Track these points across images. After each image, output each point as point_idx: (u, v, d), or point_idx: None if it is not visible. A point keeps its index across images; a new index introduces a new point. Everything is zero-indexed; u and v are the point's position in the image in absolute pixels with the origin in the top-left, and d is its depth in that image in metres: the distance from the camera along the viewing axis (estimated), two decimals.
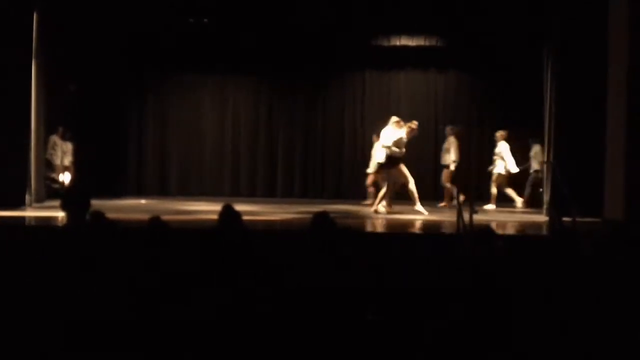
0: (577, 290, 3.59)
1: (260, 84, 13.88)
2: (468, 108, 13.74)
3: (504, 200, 11.80)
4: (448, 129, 12.26)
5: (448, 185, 11.81)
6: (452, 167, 11.82)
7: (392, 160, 9.93)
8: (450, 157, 11.89)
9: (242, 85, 13.96)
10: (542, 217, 9.95)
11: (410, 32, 12.99)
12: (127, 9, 11.83)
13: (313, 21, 12.28)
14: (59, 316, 3.35)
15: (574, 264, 3.92)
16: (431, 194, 12.98)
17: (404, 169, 9.95)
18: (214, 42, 12.79)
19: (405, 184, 9.97)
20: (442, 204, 11.68)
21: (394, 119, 10.28)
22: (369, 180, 12.00)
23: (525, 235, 8.18)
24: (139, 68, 13.33)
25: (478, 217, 8.03)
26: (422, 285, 3.59)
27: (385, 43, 13.17)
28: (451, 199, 11.49)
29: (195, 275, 3.66)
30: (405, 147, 10.04)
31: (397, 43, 13.14)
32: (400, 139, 9.95)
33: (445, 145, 12.10)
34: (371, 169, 11.80)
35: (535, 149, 11.87)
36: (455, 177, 11.79)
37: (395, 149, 9.89)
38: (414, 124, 10.26)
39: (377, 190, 11.22)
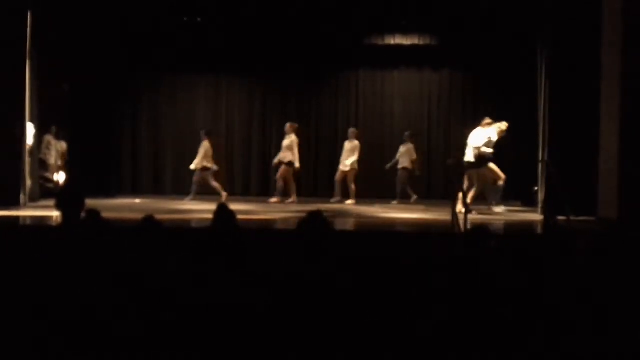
0: (570, 289, 3.60)
1: (254, 83, 13.88)
2: (462, 107, 13.76)
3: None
4: (288, 126, 12.23)
5: (281, 183, 12.07)
6: (297, 164, 12.05)
7: (482, 160, 10.21)
8: (292, 154, 12.00)
9: (236, 84, 13.96)
10: (537, 216, 9.97)
11: (405, 31, 13.01)
12: (120, 9, 11.82)
13: (307, 20, 12.29)
14: (53, 316, 3.34)
15: (567, 263, 3.93)
16: (423, 192, 13.12)
17: (494, 167, 10.30)
18: (207, 41, 12.78)
19: (496, 180, 10.32)
20: (274, 200, 11.91)
21: (487, 120, 10.59)
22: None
23: (519, 234, 8.19)
24: (133, 68, 13.31)
25: (472, 216, 8.05)
26: (414, 284, 3.60)
27: (379, 42, 13.19)
28: (283, 194, 11.95)
29: (189, 275, 3.66)
30: (494, 147, 10.34)
31: (392, 42, 13.17)
32: (490, 139, 10.27)
33: (286, 143, 12.10)
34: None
35: (408, 147, 12.33)
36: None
37: (485, 149, 10.18)
38: (504, 125, 10.50)
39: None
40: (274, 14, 12.17)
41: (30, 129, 10.43)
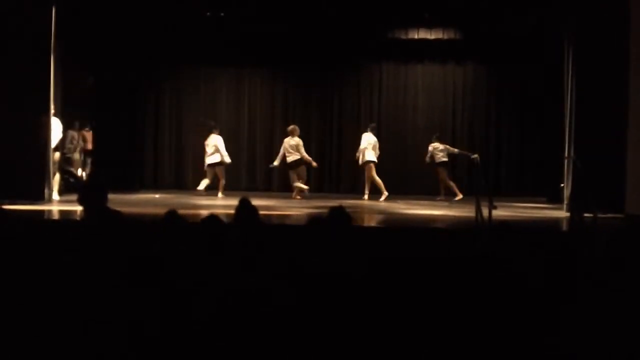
0: (592, 286, 3.54)
1: (276, 76, 13.87)
2: (486, 101, 13.65)
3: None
4: (211, 124, 12.29)
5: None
6: (227, 160, 11.98)
7: None
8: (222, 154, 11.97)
9: (258, 78, 13.96)
10: (563, 213, 9.84)
11: (428, 25, 12.91)
12: (144, 2, 11.85)
13: (330, 14, 12.23)
14: (74, 311, 3.35)
15: (589, 260, 3.85)
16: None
17: None
18: (230, 35, 12.77)
19: None
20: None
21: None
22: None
23: (544, 231, 8.09)
24: (155, 61, 13.36)
25: (497, 213, 7.96)
26: (438, 280, 3.56)
27: (403, 36, 13.11)
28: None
29: (209, 269, 3.65)
30: None
31: (415, 36, 13.08)
32: None
33: (212, 142, 12.07)
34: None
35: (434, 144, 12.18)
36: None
37: None
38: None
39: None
40: (297, 7, 12.13)
41: (55, 124, 10.51)
